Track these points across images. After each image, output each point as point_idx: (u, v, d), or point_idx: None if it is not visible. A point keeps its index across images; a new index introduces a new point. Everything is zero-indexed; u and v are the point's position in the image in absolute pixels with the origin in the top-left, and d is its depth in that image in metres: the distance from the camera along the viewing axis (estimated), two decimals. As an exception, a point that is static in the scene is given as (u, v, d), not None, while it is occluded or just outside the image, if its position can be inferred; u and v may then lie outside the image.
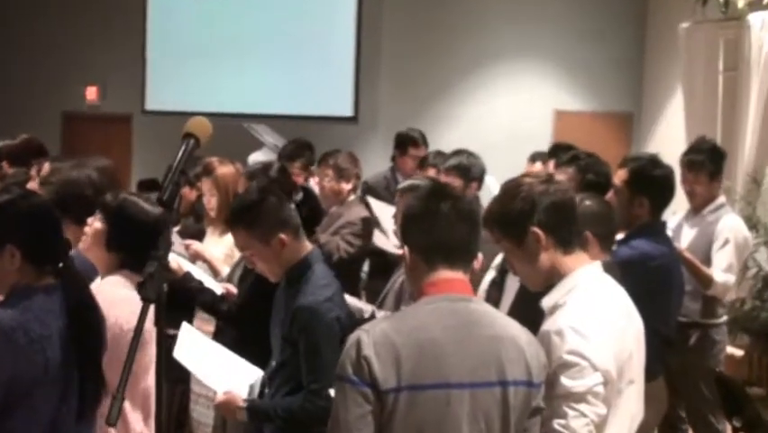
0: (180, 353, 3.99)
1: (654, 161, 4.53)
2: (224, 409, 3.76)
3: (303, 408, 3.57)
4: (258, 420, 3.71)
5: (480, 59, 10.67)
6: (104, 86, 12.85)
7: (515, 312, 2.87)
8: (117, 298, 3.23)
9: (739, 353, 6.41)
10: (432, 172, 6.27)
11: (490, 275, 4.08)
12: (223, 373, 3.85)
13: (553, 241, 2.89)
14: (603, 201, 3.93)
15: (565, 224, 2.92)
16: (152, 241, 2.41)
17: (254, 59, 11.25)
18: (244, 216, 3.73)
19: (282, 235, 3.68)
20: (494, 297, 3.89)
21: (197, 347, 4.02)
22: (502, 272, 3.97)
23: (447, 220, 2.56)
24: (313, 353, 3.55)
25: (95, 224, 3.50)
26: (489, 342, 2.49)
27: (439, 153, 6.63)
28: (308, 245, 3.82)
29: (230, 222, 3.83)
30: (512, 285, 3.88)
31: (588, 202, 3.73)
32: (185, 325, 4.13)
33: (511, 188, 2.97)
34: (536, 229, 2.87)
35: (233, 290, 4.48)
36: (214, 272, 4.92)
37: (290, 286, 3.73)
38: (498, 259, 4.05)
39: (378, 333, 2.44)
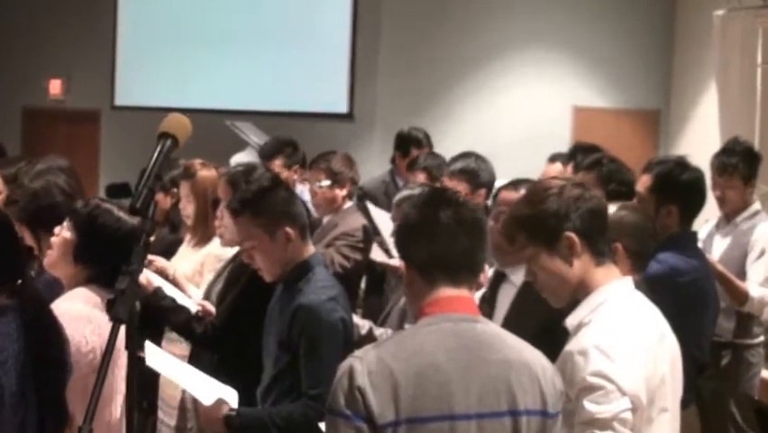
0: (154, 363, 4.00)
1: (682, 164, 4.55)
2: (208, 419, 3.77)
3: (305, 414, 3.60)
4: (249, 430, 3.73)
5: (488, 50, 10.68)
6: (68, 78, 12.85)
7: (506, 329, 2.88)
8: (76, 314, 3.23)
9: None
10: (422, 177, 6.25)
11: (481, 290, 4.09)
12: (202, 385, 3.88)
13: (586, 250, 2.91)
14: (643, 214, 3.91)
15: (600, 234, 2.95)
16: (128, 253, 2.42)
17: (238, 49, 11.26)
18: (251, 201, 3.83)
19: (288, 229, 3.78)
20: (485, 314, 3.89)
21: (169, 363, 4.04)
22: (493, 288, 3.98)
23: (448, 231, 2.54)
24: (314, 355, 3.61)
25: (62, 234, 3.50)
26: (498, 367, 2.49)
27: (431, 155, 6.60)
28: (312, 248, 3.93)
29: (235, 208, 3.92)
30: (504, 302, 3.90)
31: (624, 212, 3.71)
32: (148, 344, 4.12)
33: (540, 190, 2.99)
34: (571, 234, 2.89)
35: (211, 308, 4.48)
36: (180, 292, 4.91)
37: (288, 289, 3.80)
38: (490, 273, 4.07)
39: (372, 360, 2.42)
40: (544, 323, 3.19)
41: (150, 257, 5.02)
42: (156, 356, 4.04)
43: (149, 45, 11.84)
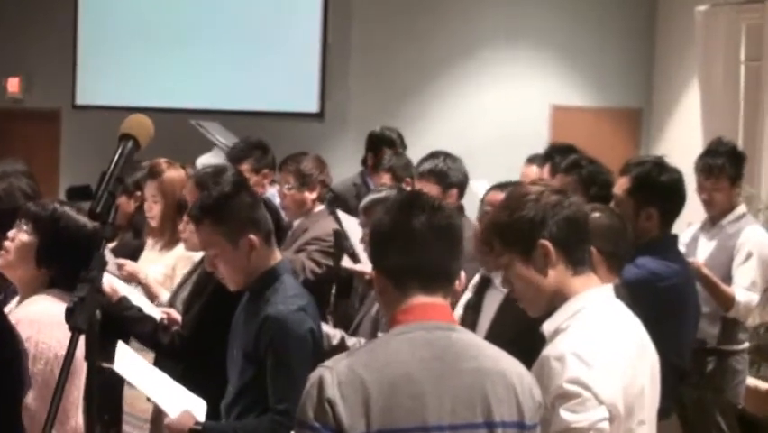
0: (122, 368, 3.99)
1: (660, 165, 4.55)
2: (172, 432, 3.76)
3: (272, 430, 3.58)
4: None
5: (464, 47, 10.69)
6: (27, 77, 12.79)
7: (492, 337, 2.88)
8: (49, 320, 3.23)
9: (763, 386, 6.43)
10: (386, 178, 6.24)
11: (466, 297, 4.10)
12: (170, 395, 3.88)
13: (563, 258, 2.92)
14: (615, 214, 3.94)
15: (578, 242, 2.96)
16: (89, 257, 2.42)
17: (204, 46, 11.23)
18: (213, 208, 3.80)
19: (252, 236, 3.75)
20: (470, 320, 3.91)
21: (138, 369, 4.03)
22: (479, 293, 3.99)
23: (422, 238, 2.55)
24: (282, 368, 3.59)
25: (19, 236, 3.50)
26: (474, 377, 2.49)
27: (396, 155, 6.59)
28: (278, 255, 3.90)
29: (195, 215, 3.89)
30: (490, 307, 3.91)
31: (597, 214, 3.74)
32: (120, 345, 4.11)
33: (518, 196, 2.99)
34: (546, 242, 2.89)
35: (176, 315, 4.47)
36: (151, 297, 4.92)
37: (254, 299, 3.79)
38: (476, 279, 4.08)
39: (343, 370, 2.42)
40: (532, 330, 3.19)
41: (120, 261, 5.03)
42: (126, 359, 4.03)
43: (111, 42, 11.78)
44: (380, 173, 6.30)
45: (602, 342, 2.83)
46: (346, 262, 5.68)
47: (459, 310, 4.04)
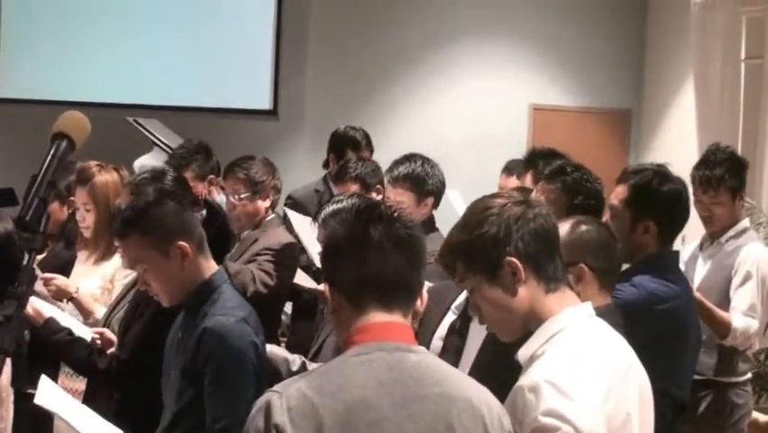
0: (47, 402, 3.94)
1: (663, 174, 4.55)
2: None
3: None
4: None
5: (434, 40, 10.72)
6: (-57, 66, 12.70)
7: (479, 367, 2.86)
8: None
9: (764, 418, 6.47)
10: (354, 187, 6.21)
11: (449, 319, 4.09)
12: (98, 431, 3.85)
13: (533, 276, 2.91)
14: (603, 227, 3.94)
15: (549, 256, 2.95)
16: (3, 271, 2.36)
17: (144, 35, 11.20)
18: (137, 220, 3.81)
19: (183, 243, 3.77)
20: (454, 347, 3.89)
21: (65, 405, 3.99)
22: (465, 316, 3.97)
23: (379, 249, 2.58)
24: (220, 384, 3.60)
25: None
26: (438, 404, 2.51)
27: (361, 161, 6.55)
28: (214, 265, 3.91)
29: (119, 230, 3.89)
30: (477, 333, 3.89)
31: (584, 227, 3.73)
32: (43, 379, 4.05)
33: (479, 210, 2.98)
34: (513, 259, 2.88)
35: (111, 336, 4.43)
36: (85, 314, 4.89)
37: (191, 315, 3.79)
38: (461, 298, 4.06)
39: (293, 394, 2.43)
40: None
41: (47, 275, 4.98)
42: (49, 393, 3.97)
43: (38, 27, 11.70)
44: (347, 183, 6.25)
45: (581, 367, 2.82)
46: (306, 282, 5.64)
47: (441, 333, 4.03)
